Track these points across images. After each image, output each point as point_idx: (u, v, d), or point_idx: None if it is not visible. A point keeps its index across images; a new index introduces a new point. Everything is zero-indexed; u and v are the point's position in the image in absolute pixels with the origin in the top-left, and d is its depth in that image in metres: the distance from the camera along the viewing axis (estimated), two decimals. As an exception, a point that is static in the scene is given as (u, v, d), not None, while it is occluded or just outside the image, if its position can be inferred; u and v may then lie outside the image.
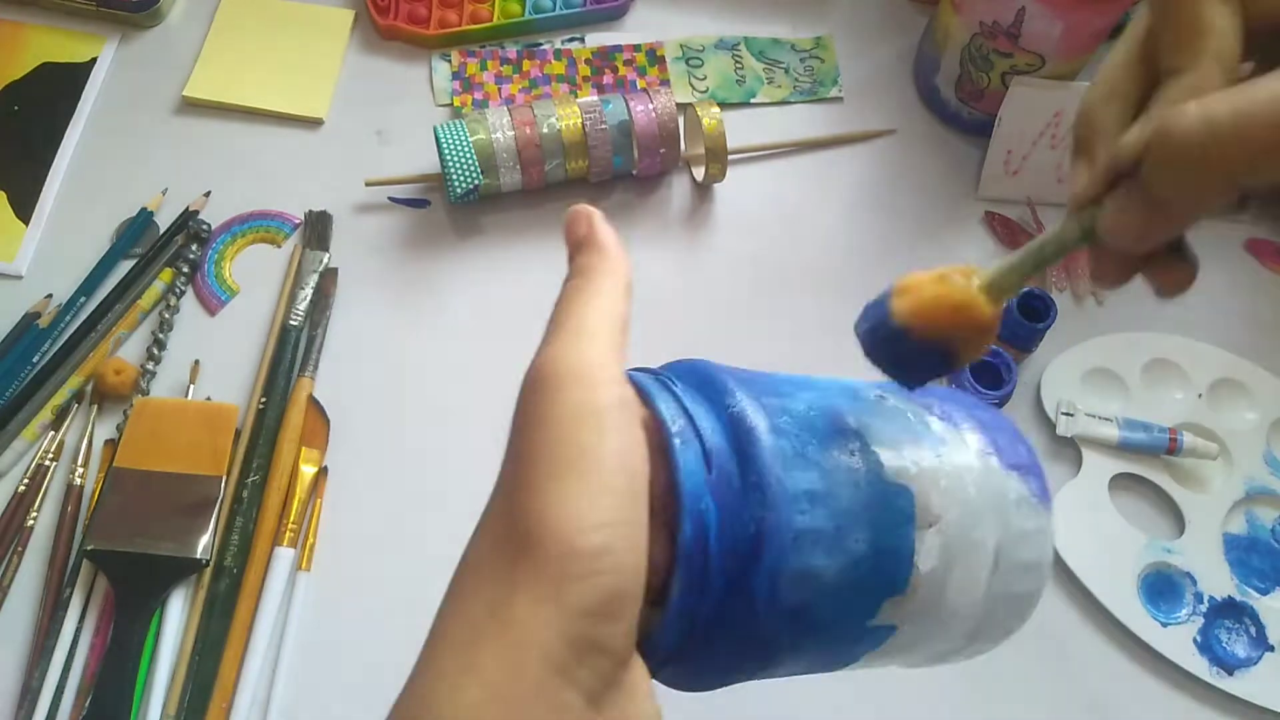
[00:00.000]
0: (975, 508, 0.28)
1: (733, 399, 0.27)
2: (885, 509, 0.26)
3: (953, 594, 0.27)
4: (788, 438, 0.26)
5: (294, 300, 0.60)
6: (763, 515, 0.25)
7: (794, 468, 0.25)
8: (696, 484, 0.25)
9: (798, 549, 0.25)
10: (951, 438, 0.29)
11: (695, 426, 0.26)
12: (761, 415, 0.26)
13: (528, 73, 0.69)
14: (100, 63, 0.68)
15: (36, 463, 0.56)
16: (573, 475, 0.23)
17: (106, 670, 0.51)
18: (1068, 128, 0.64)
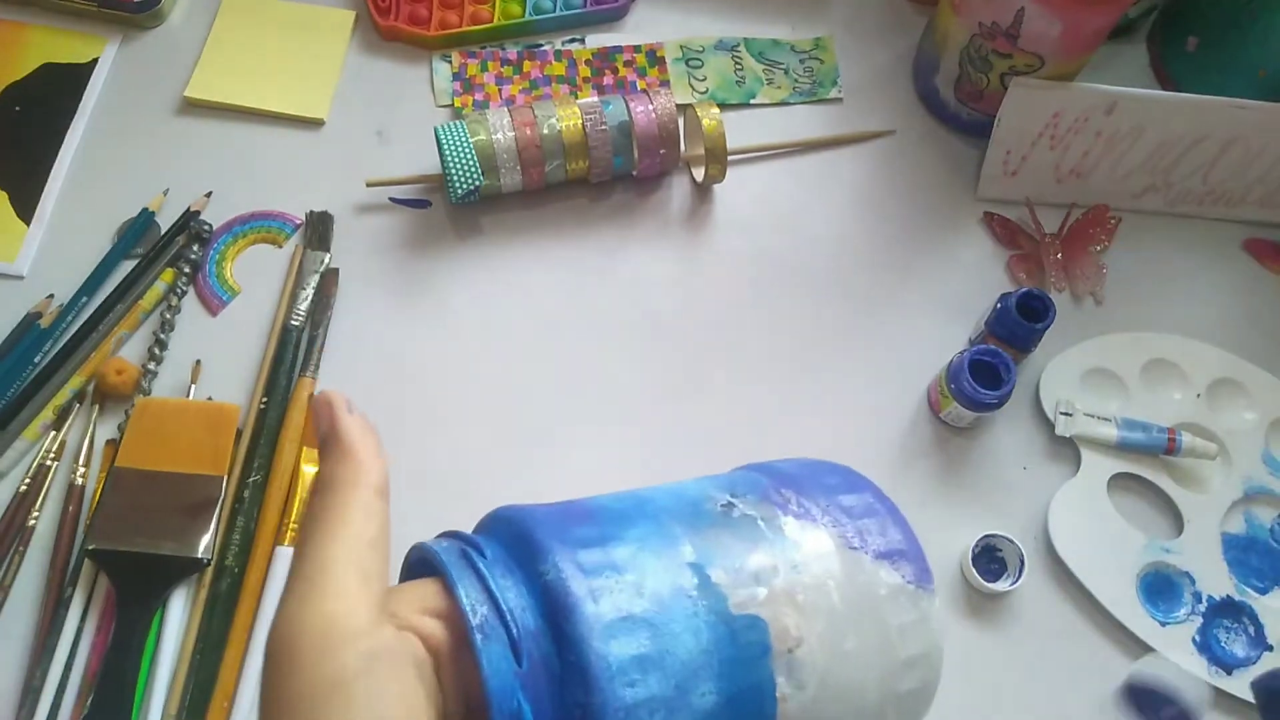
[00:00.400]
0: (841, 616, 0.25)
1: (546, 563, 0.24)
2: (735, 647, 0.24)
3: (834, 712, 0.25)
4: (611, 595, 0.23)
5: (295, 300, 0.61)
6: (586, 701, 0.22)
7: (619, 633, 0.23)
8: (504, 683, 0.22)
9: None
10: (809, 539, 0.26)
11: (501, 611, 0.23)
12: (580, 578, 0.23)
13: (528, 74, 0.69)
14: (101, 63, 0.68)
15: (38, 462, 0.56)
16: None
17: (108, 669, 0.51)
18: (1066, 128, 0.64)
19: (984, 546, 0.56)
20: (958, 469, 0.59)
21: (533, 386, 0.60)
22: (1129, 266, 0.66)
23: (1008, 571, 0.56)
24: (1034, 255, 0.65)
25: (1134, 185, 0.66)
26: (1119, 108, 0.63)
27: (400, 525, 0.61)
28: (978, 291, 0.64)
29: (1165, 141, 0.64)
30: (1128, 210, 0.67)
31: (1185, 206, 0.67)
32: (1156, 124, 0.63)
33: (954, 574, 0.56)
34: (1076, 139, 0.64)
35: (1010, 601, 0.56)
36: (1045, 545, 0.57)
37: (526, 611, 0.24)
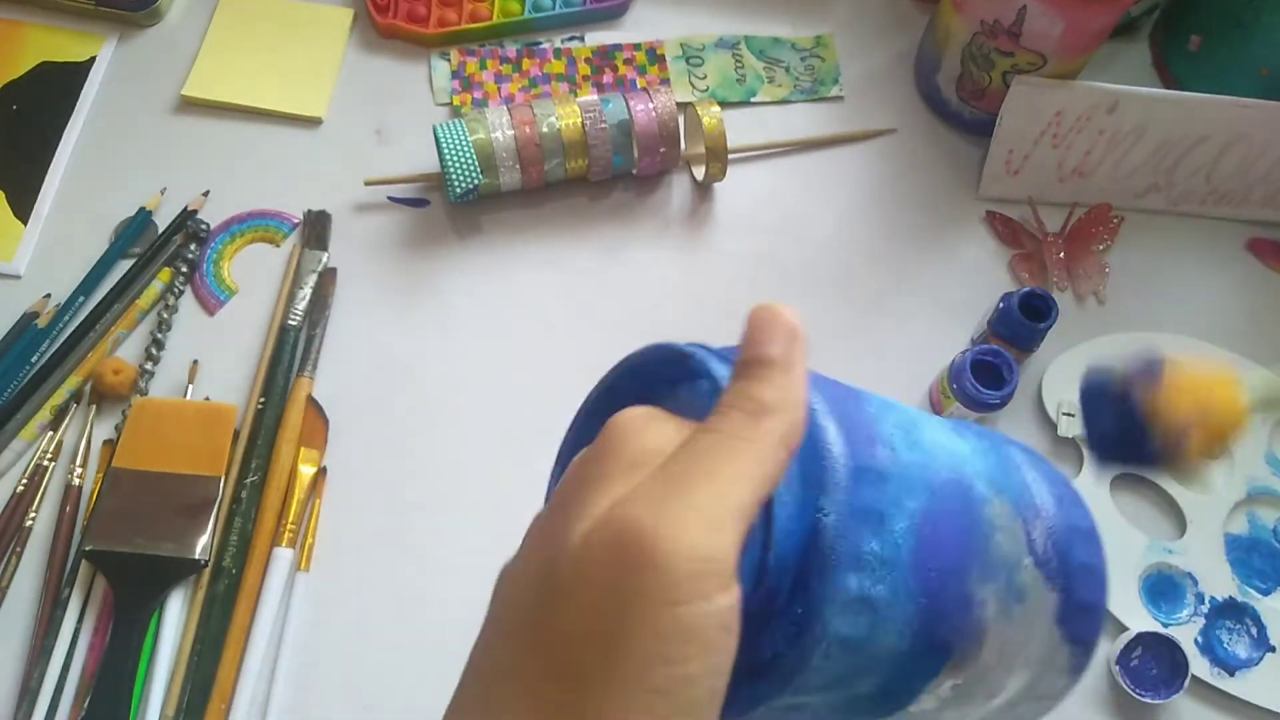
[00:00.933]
0: (1015, 666, 0.26)
1: (829, 502, 0.23)
2: (915, 663, 0.24)
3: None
4: (862, 575, 0.23)
5: (293, 300, 0.60)
6: (784, 663, 0.22)
7: (850, 611, 0.23)
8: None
9: (798, 690, 0.23)
10: (1035, 596, 0.26)
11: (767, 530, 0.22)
12: (850, 544, 0.23)
13: (527, 72, 0.69)
14: (99, 62, 0.68)
15: (35, 463, 0.56)
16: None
17: (105, 670, 0.51)
18: (1068, 127, 0.64)
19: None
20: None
21: (532, 385, 0.60)
22: (1131, 266, 0.65)
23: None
24: (1036, 254, 0.65)
25: (1136, 184, 0.66)
26: (1121, 107, 0.62)
27: (399, 526, 0.61)
28: (980, 291, 0.64)
29: (1168, 140, 0.64)
30: (1130, 209, 0.67)
31: (1188, 206, 0.67)
32: (1159, 123, 0.63)
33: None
34: (1079, 138, 0.64)
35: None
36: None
37: (791, 536, 0.22)
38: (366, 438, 0.58)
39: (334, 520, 0.56)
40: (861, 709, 0.25)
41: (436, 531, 0.56)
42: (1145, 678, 0.53)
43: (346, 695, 0.52)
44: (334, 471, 0.57)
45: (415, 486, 0.57)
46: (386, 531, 0.56)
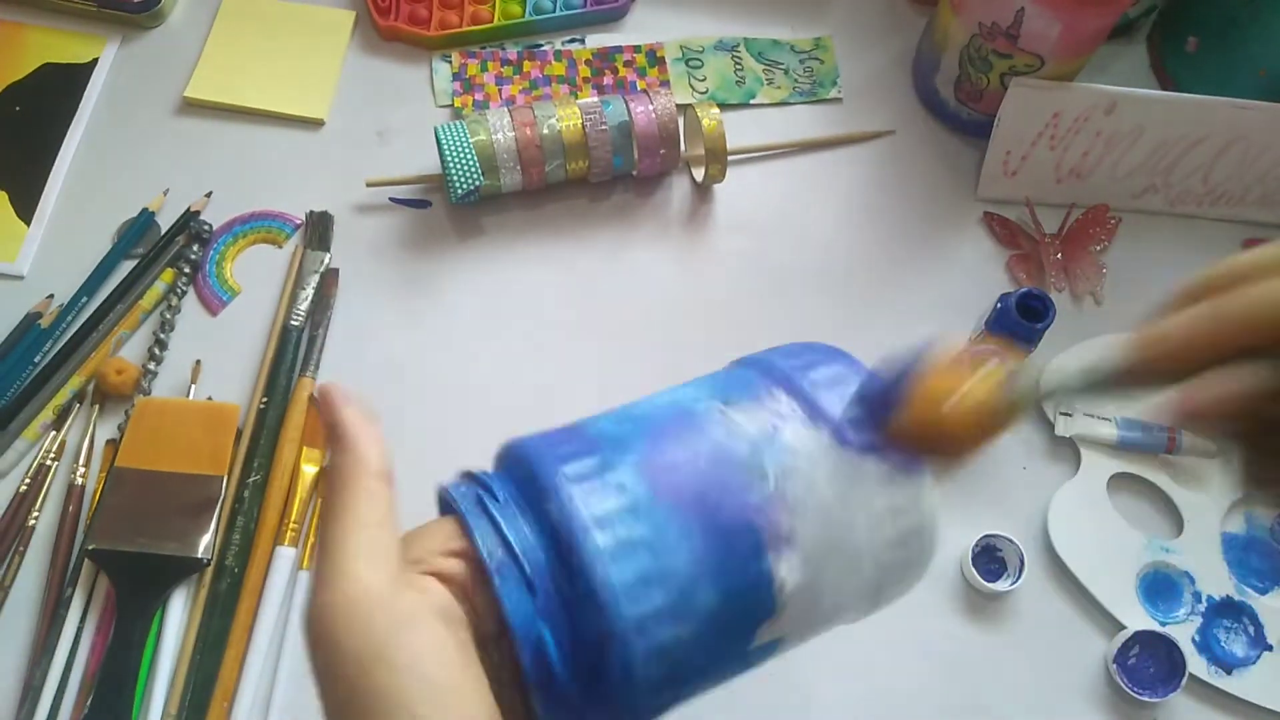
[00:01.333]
0: (831, 508, 0.27)
1: (552, 500, 0.26)
2: (731, 552, 0.26)
3: (829, 594, 0.28)
4: (612, 525, 0.26)
5: (295, 300, 0.61)
6: (599, 620, 0.25)
7: (621, 558, 0.25)
8: (525, 616, 0.25)
9: (644, 634, 0.25)
10: (801, 437, 0.28)
11: (514, 552, 0.26)
12: (581, 511, 0.26)
13: (528, 74, 0.69)
14: (101, 63, 0.68)
15: (38, 462, 0.56)
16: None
17: (108, 669, 0.51)
18: (1066, 128, 0.64)
19: (984, 547, 0.56)
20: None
21: (532, 386, 0.60)
22: (1129, 267, 0.66)
23: (1008, 571, 0.56)
24: (1034, 255, 0.65)
25: (1134, 185, 0.66)
26: (1119, 108, 0.63)
27: (402, 524, 0.61)
28: (977, 291, 0.64)
29: (1165, 141, 0.64)
30: (1128, 210, 0.67)
31: (1185, 207, 0.67)
32: (1156, 124, 0.63)
33: (954, 574, 0.56)
34: (1076, 139, 0.64)
35: (1009, 601, 0.56)
36: (1045, 545, 0.57)
37: (537, 549, 0.26)
38: (368, 437, 0.58)
39: (336, 519, 0.56)
40: (728, 637, 0.27)
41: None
42: (1143, 676, 0.54)
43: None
44: (336, 471, 0.57)
45: (416, 486, 0.57)
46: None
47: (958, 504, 0.58)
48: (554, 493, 0.27)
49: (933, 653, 0.55)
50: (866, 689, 0.54)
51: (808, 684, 0.54)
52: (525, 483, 0.28)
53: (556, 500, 0.26)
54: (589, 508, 0.26)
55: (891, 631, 0.55)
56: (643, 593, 0.25)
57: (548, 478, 0.27)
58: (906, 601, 0.33)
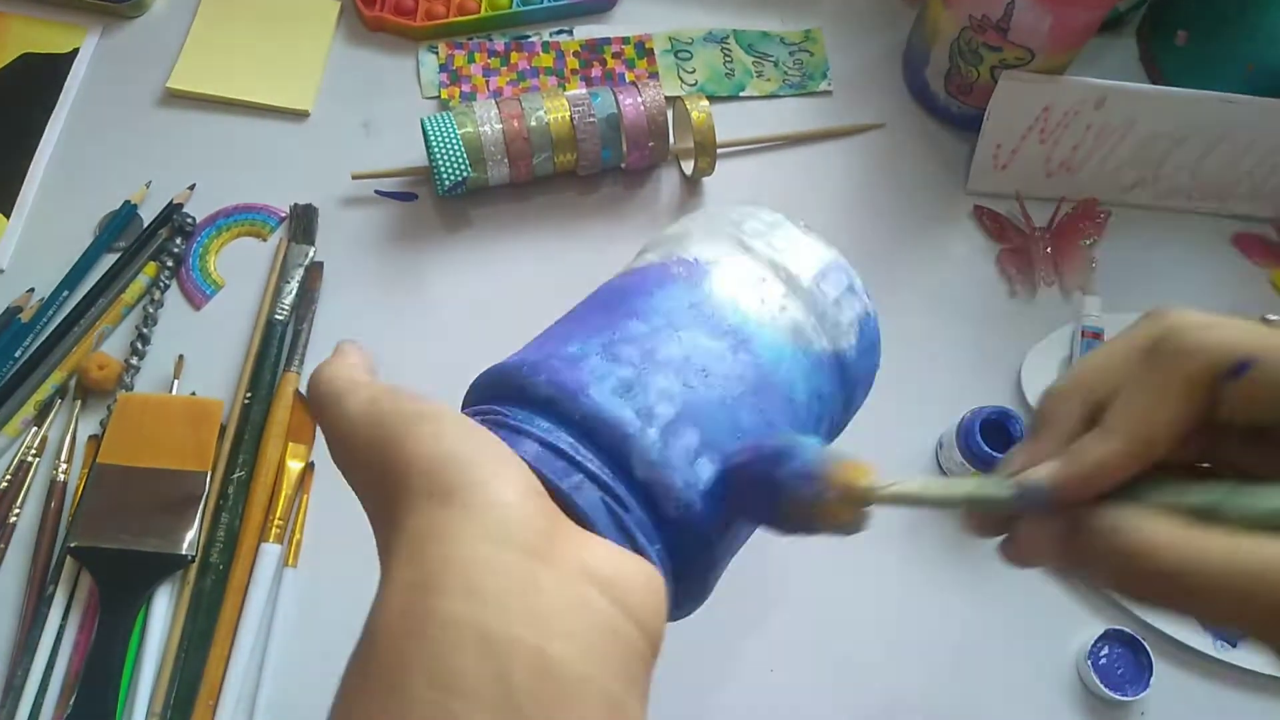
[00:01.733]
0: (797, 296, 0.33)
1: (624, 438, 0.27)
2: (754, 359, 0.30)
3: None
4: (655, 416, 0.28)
5: (279, 294, 0.60)
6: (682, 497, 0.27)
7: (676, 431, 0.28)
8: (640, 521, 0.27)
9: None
10: (733, 266, 0.32)
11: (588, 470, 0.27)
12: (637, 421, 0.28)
13: (515, 65, 0.68)
14: (82, 53, 0.67)
15: (19, 459, 0.55)
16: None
17: (91, 668, 0.50)
18: (1056, 122, 0.64)
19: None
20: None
21: (521, 381, 0.60)
22: (1118, 260, 0.66)
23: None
24: (1023, 249, 0.65)
25: (1123, 179, 0.66)
26: (1109, 102, 0.63)
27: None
28: (967, 285, 0.64)
29: (1154, 136, 0.64)
30: (1117, 204, 0.67)
31: (1174, 201, 0.67)
32: (1146, 118, 0.63)
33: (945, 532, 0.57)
34: (1066, 133, 0.64)
35: (1009, 590, 0.56)
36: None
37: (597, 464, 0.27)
38: (354, 433, 0.58)
39: (322, 516, 0.56)
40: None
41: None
42: (1113, 676, 0.54)
43: (334, 690, 0.52)
44: (322, 466, 0.57)
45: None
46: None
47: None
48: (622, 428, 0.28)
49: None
50: (860, 659, 0.54)
51: (790, 643, 0.54)
52: (548, 403, 0.28)
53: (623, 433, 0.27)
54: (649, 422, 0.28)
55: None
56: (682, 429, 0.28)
57: (573, 393, 0.28)
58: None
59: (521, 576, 0.22)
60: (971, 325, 0.63)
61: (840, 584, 0.56)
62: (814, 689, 0.53)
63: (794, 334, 0.31)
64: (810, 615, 0.55)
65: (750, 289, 0.31)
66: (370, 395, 0.27)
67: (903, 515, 0.58)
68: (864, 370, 0.34)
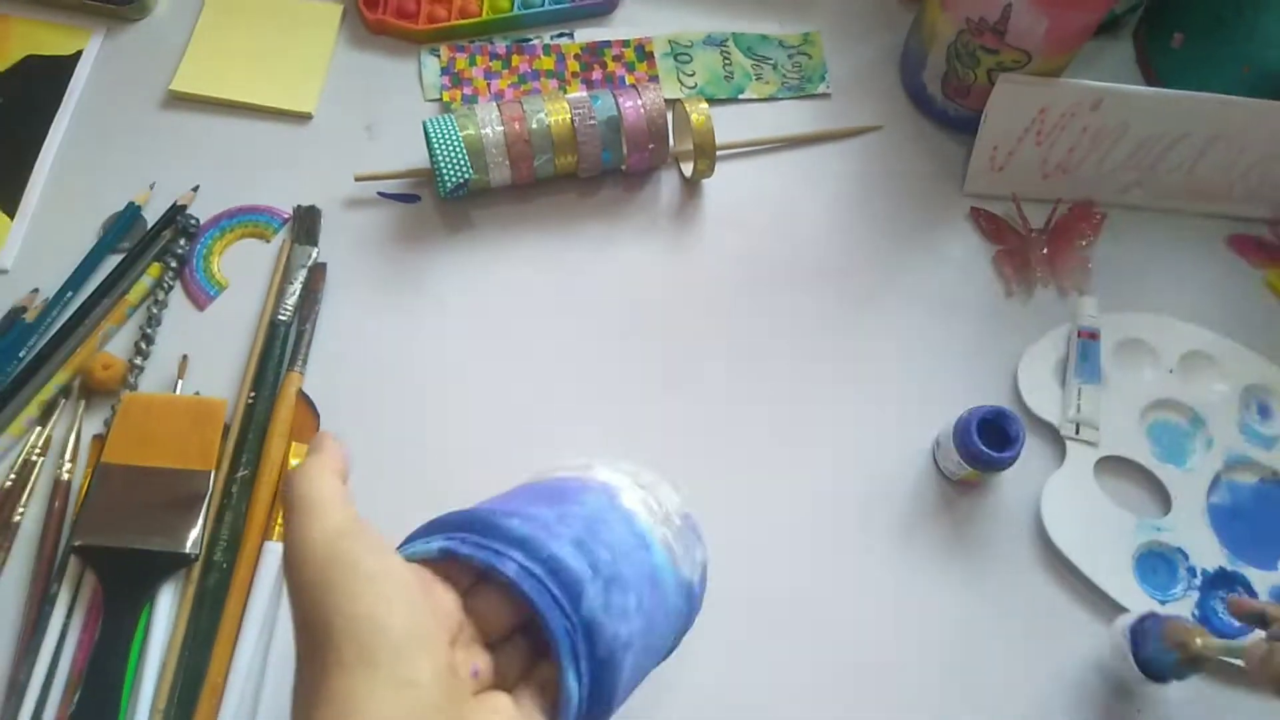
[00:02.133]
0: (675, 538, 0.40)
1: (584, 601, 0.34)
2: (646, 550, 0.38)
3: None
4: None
5: (283, 295, 0.60)
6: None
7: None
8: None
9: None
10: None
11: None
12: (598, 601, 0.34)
13: (517, 68, 0.69)
14: (86, 56, 0.67)
15: (23, 458, 0.55)
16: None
17: (95, 666, 0.50)
18: (1052, 124, 0.64)
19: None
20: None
21: (521, 382, 0.60)
22: (1114, 262, 0.66)
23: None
24: (1020, 250, 0.66)
25: (1119, 180, 0.67)
26: (1105, 104, 0.63)
27: (389, 520, 0.61)
28: (965, 286, 0.65)
29: (1150, 137, 0.65)
30: (1113, 206, 0.68)
31: (1170, 202, 0.68)
32: (1142, 120, 0.64)
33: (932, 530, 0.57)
34: (1062, 134, 0.65)
35: (1007, 590, 0.56)
36: (1041, 536, 0.58)
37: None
38: (357, 432, 0.58)
39: (324, 514, 0.56)
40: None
41: (423, 524, 0.56)
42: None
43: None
44: (324, 466, 0.57)
45: (406, 481, 0.57)
46: (376, 525, 0.56)
47: (950, 501, 0.59)
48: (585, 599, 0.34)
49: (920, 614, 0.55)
50: (847, 684, 0.54)
51: (785, 669, 0.54)
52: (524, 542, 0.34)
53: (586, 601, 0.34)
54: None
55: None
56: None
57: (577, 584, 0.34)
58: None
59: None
60: (968, 325, 0.64)
61: (837, 583, 0.56)
62: (814, 688, 0.54)
63: (669, 554, 0.38)
64: (808, 615, 0.55)
65: (644, 511, 0.39)
66: (336, 527, 0.30)
67: (900, 515, 0.58)
68: (697, 606, 0.42)
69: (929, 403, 0.60)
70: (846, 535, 0.57)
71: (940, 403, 0.59)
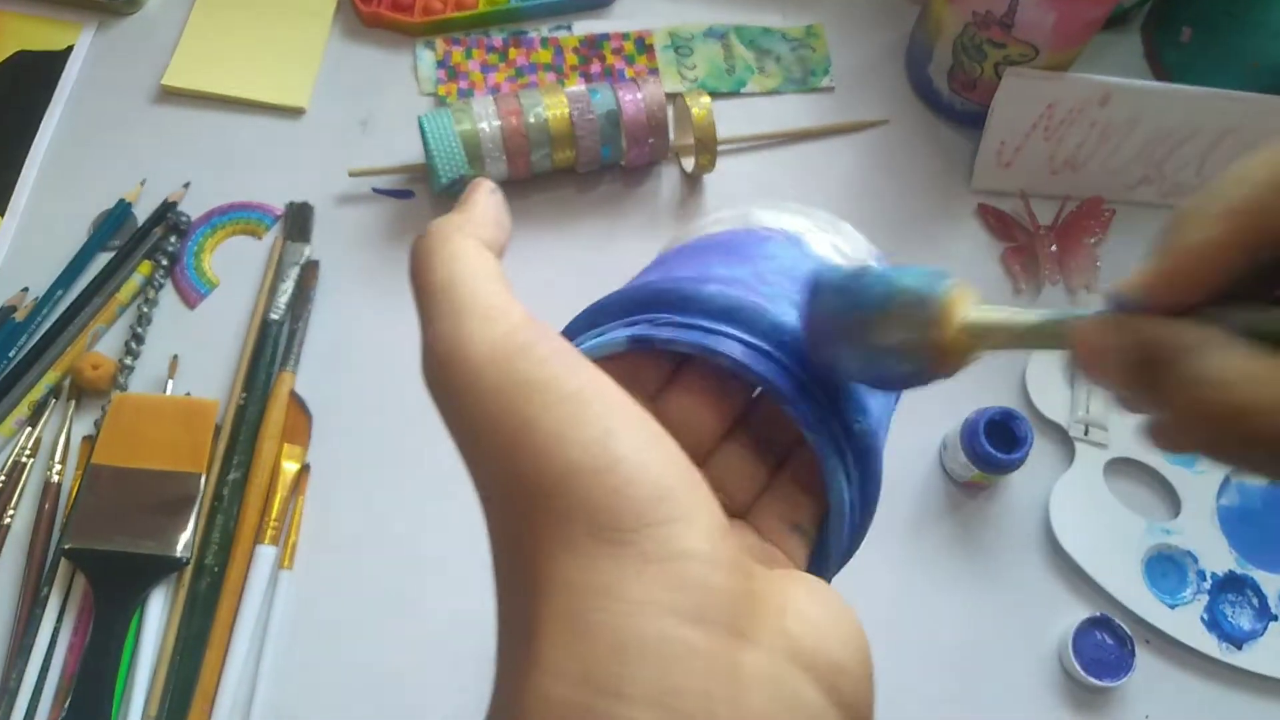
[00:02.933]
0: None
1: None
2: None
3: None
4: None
5: (275, 293, 0.59)
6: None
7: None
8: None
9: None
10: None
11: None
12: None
13: (514, 61, 0.68)
14: (77, 50, 0.66)
15: (13, 459, 0.55)
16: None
17: (86, 670, 0.50)
18: (1060, 119, 0.63)
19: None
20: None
21: (519, 381, 0.59)
22: (1123, 259, 0.65)
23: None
24: (1028, 248, 0.65)
25: (1128, 177, 0.66)
26: (1113, 99, 0.62)
27: (383, 523, 0.60)
28: (973, 283, 0.63)
29: (1159, 133, 0.64)
30: (1122, 202, 0.66)
31: (1179, 198, 0.67)
32: (1151, 115, 0.63)
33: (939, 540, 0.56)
34: (1071, 130, 0.64)
35: (1014, 594, 0.56)
36: (1049, 539, 0.57)
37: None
38: (350, 433, 0.57)
39: (317, 517, 0.55)
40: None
41: (420, 528, 0.55)
42: (1095, 662, 0.53)
43: (330, 693, 0.51)
44: (317, 467, 0.56)
45: (400, 483, 0.56)
46: (370, 528, 0.55)
47: (955, 502, 0.58)
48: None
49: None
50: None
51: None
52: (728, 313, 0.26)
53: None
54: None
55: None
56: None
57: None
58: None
59: (724, 670, 0.17)
60: (975, 324, 0.63)
61: (840, 586, 0.55)
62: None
63: None
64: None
65: (841, 260, 0.32)
66: (508, 332, 0.21)
67: (905, 517, 0.57)
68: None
69: (935, 402, 0.59)
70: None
71: (947, 403, 0.58)
